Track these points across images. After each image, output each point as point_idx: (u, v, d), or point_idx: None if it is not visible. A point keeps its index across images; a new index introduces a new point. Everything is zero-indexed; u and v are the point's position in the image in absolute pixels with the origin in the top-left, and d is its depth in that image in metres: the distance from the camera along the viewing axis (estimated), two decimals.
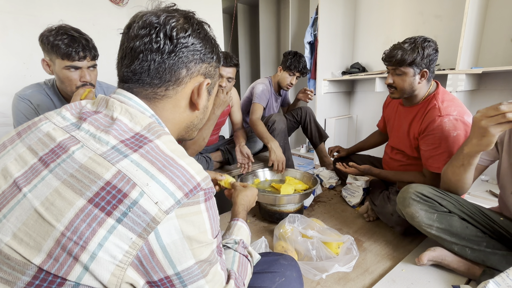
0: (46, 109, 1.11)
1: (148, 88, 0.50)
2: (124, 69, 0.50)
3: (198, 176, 0.42)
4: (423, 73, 1.18)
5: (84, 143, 0.42)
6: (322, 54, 2.32)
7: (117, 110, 0.46)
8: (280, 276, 0.67)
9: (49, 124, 0.46)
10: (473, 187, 1.80)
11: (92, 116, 0.46)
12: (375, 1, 2.37)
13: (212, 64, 0.55)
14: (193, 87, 0.53)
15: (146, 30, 0.47)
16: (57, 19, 1.70)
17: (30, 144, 0.44)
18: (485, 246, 0.94)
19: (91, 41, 1.04)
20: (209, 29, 0.55)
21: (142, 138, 0.43)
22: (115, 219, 0.36)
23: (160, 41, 0.47)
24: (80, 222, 0.36)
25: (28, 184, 0.39)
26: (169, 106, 0.52)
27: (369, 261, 1.11)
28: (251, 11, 3.76)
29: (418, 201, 0.98)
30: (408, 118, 1.30)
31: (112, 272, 0.37)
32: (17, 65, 1.59)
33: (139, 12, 0.51)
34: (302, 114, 2.03)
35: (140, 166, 0.39)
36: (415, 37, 1.18)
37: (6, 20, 1.53)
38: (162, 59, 0.48)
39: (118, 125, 0.44)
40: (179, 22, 0.49)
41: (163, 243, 0.39)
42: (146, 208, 0.37)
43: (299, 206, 1.40)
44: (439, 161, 1.13)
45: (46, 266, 0.36)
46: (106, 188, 0.37)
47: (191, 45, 0.50)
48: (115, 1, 1.89)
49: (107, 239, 0.36)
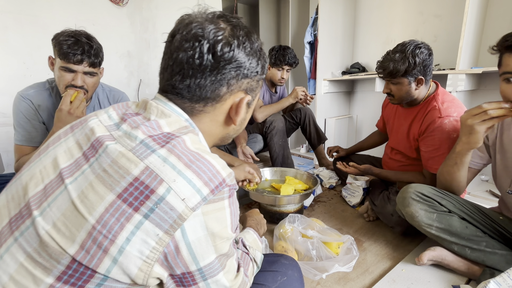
0: (47, 110, 1.11)
1: (187, 102, 0.49)
2: (164, 81, 0.50)
3: (224, 171, 0.43)
4: (419, 80, 1.16)
5: (118, 140, 0.43)
6: (322, 54, 2.32)
7: (153, 112, 0.47)
8: (282, 275, 0.67)
9: (95, 120, 0.48)
10: (473, 187, 1.80)
11: (132, 117, 0.47)
12: (375, 1, 2.37)
13: (254, 79, 0.53)
14: (232, 103, 0.52)
15: (189, 43, 0.46)
16: (57, 19, 1.70)
17: (78, 139, 0.46)
18: (485, 246, 0.94)
19: (97, 50, 1.04)
20: (256, 39, 0.52)
21: (170, 135, 0.44)
22: (142, 215, 0.37)
23: (203, 57, 0.46)
24: (110, 216, 0.37)
25: (71, 177, 0.41)
26: (206, 120, 0.52)
27: (369, 261, 1.11)
28: (251, 11, 3.76)
29: (418, 200, 0.98)
30: (408, 119, 1.30)
31: (139, 267, 0.38)
32: (17, 65, 1.59)
33: (184, 17, 0.49)
34: (301, 116, 2.03)
35: (167, 162, 0.40)
36: (406, 45, 1.14)
37: (6, 20, 1.53)
38: (203, 76, 0.47)
39: (151, 123, 0.46)
40: (225, 34, 0.47)
41: (189, 240, 0.40)
42: (173, 204, 0.38)
43: (299, 206, 1.40)
44: (439, 162, 1.13)
45: (78, 257, 0.37)
46: (134, 184, 0.38)
47: (235, 62, 0.48)
48: (115, 1, 1.89)
49: (134, 234, 0.37)
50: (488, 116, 0.81)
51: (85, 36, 1.03)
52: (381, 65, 1.20)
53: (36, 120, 1.10)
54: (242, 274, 0.52)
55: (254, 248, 0.69)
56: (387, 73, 1.18)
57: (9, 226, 0.41)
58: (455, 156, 0.94)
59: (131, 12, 1.99)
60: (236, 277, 0.50)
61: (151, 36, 2.11)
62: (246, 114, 0.57)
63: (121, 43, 1.98)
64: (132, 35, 2.02)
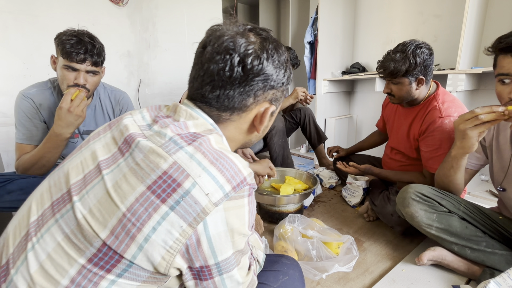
0: (48, 108, 1.12)
1: (215, 110, 0.52)
2: (194, 90, 0.52)
3: (245, 170, 0.46)
4: (419, 80, 1.16)
5: (149, 138, 0.47)
6: (322, 54, 2.32)
7: (183, 115, 0.51)
8: (284, 275, 0.68)
9: (130, 119, 0.52)
10: (473, 187, 1.80)
11: (163, 119, 0.51)
12: (375, 1, 2.37)
13: (280, 89, 0.55)
14: (257, 112, 0.55)
15: (221, 55, 0.48)
16: (57, 19, 1.70)
17: (114, 135, 0.51)
18: (485, 246, 0.94)
19: (99, 49, 1.05)
20: (284, 51, 0.54)
21: (196, 134, 0.48)
22: (168, 207, 0.40)
23: (233, 69, 0.48)
24: (139, 206, 0.40)
25: (107, 168, 0.45)
26: (231, 127, 0.55)
27: (369, 261, 1.11)
28: (251, 11, 3.76)
29: (417, 201, 0.98)
30: (408, 119, 1.29)
31: (162, 256, 0.40)
32: (17, 65, 1.59)
33: (215, 29, 0.51)
34: (301, 115, 2.03)
35: (194, 158, 0.43)
36: (407, 45, 1.14)
37: (7, 20, 1.53)
38: (233, 88, 0.49)
39: (180, 124, 0.49)
40: (254, 48, 0.49)
41: (210, 234, 0.42)
42: (197, 198, 0.41)
43: (299, 206, 1.40)
44: (440, 162, 1.13)
45: (109, 241, 0.40)
46: (163, 177, 0.41)
47: (263, 74, 0.50)
48: (115, 1, 1.89)
49: (160, 224, 0.40)
50: (479, 121, 0.81)
51: (87, 36, 1.03)
52: (381, 65, 1.20)
53: (37, 119, 1.11)
54: (252, 272, 0.53)
55: (256, 247, 0.69)
56: (388, 73, 1.17)
57: (51, 209, 0.45)
58: (451, 160, 0.94)
59: (131, 12, 1.99)
60: (248, 274, 0.52)
61: (151, 36, 2.11)
62: (269, 122, 0.59)
63: (121, 43, 1.98)
64: (132, 35, 2.02)
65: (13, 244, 0.45)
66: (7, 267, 0.43)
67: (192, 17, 2.28)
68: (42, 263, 0.41)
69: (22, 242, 0.44)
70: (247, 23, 0.53)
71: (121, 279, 0.41)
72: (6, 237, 0.47)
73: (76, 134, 1.23)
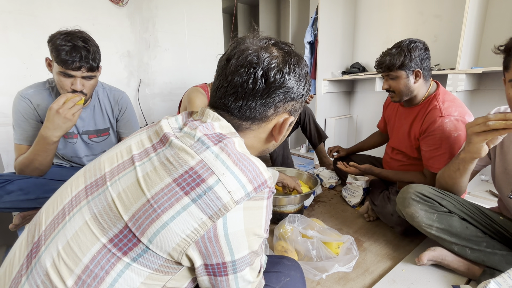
0: (46, 109, 1.11)
1: (236, 119, 0.54)
2: (217, 99, 0.55)
3: (266, 173, 0.48)
4: (416, 73, 1.18)
5: (180, 139, 0.50)
6: (322, 54, 2.32)
7: (210, 117, 0.53)
8: (285, 276, 0.68)
9: (165, 121, 0.55)
10: (473, 187, 1.80)
11: (192, 122, 0.54)
12: (375, 1, 2.37)
13: (299, 101, 0.58)
14: (277, 122, 0.57)
15: (245, 68, 0.51)
16: (57, 19, 1.70)
17: (150, 134, 0.55)
18: (485, 246, 0.94)
19: (94, 53, 1.03)
20: (304, 65, 0.57)
21: (222, 135, 0.50)
22: (191, 199, 0.42)
23: (257, 82, 0.51)
24: (163, 195, 0.43)
25: (140, 161, 0.49)
26: (250, 136, 0.57)
27: (369, 261, 1.11)
28: (251, 11, 3.76)
29: (418, 201, 0.98)
30: (408, 119, 1.30)
31: (177, 242, 0.42)
32: (17, 65, 1.59)
33: (240, 41, 0.54)
34: (301, 115, 2.03)
35: (219, 157, 0.46)
36: (402, 41, 1.20)
37: (6, 20, 1.53)
38: (255, 100, 0.52)
39: (207, 125, 0.51)
40: (277, 62, 0.52)
41: (228, 231, 0.43)
42: (219, 194, 0.43)
43: (299, 206, 1.40)
44: (440, 161, 1.13)
45: (130, 224, 0.43)
46: (189, 172, 0.44)
47: (284, 87, 0.53)
48: (115, 1, 1.89)
49: (180, 214, 0.42)
50: (487, 127, 0.77)
51: (81, 39, 1.00)
52: (379, 61, 1.24)
53: (34, 119, 1.10)
54: (261, 274, 0.55)
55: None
56: (385, 67, 1.21)
57: (85, 191, 0.49)
58: (458, 162, 0.93)
59: (131, 12, 1.99)
60: (258, 276, 0.53)
61: (151, 36, 2.11)
62: (287, 131, 0.61)
63: (121, 43, 1.98)
64: (132, 35, 2.02)
65: (45, 222, 0.48)
66: (38, 244, 0.46)
67: (192, 17, 2.28)
68: (69, 240, 0.44)
69: (55, 221, 0.47)
70: (270, 37, 0.55)
71: (135, 264, 0.43)
72: (40, 216, 0.50)
73: (75, 134, 1.23)
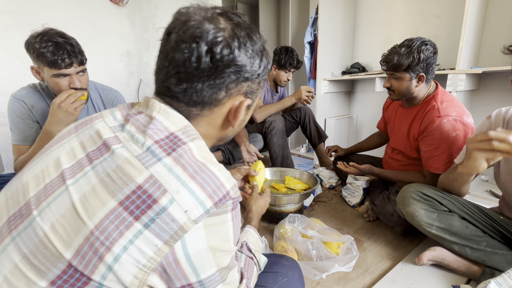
0: (41, 110, 1.12)
1: (184, 105, 0.47)
2: (160, 82, 0.47)
3: (228, 183, 0.42)
4: (420, 77, 1.17)
5: (124, 144, 0.42)
6: (322, 54, 2.32)
7: (156, 109, 0.46)
8: (283, 276, 0.68)
9: (101, 122, 0.47)
10: (473, 187, 1.80)
11: (135, 117, 0.46)
12: (375, 1, 2.37)
13: (255, 81, 0.50)
14: (231, 106, 0.50)
15: (186, 44, 0.43)
16: (57, 19, 1.70)
17: (82, 140, 0.45)
18: (485, 245, 0.94)
19: (77, 46, 1.01)
20: (259, 38, 0.48)
21: (176, 140, 0.43)
22: (142, 224, 0.37)
23: (201, 60, 0.43)
24: (109, 223, 0.36)
25: (72, 178, 0.40)
26: (203, 123, 0.50)
27: (369, 261, 1.11)
28: (251, 11, 3.76)
29: (418, 200, 0.98)
30: (408, 119, 1.30)
31: (134, 274, 0.37)
32: (17, 65, 1.59)
33: (182, 13, 0.46)
34: (301, 115, 2.03)
35: (172, 172, 0.39)
36: (413, 40, 1.15)
37: (6, 20, 1.53)
38: (200, 81, 0.44)
39: (155, 124, 0.44)
40: (224, 35, 0.44)
41: (188, 253, 0.39)
42: (174, 215, 0.37)
43: (299, 206, 1.40)
44: (439, 161, 1.13)
45: (74, 262, 0.36)
46: (137, 192, 0.38)
47: (234, 65, 0.45)
48: (115, 1, 1.89)
49: (132, 243, 0.36)
50: (490, 147, 0.75)
51: (58, 35, 0.98)
52: (385, 58, 1.21)
53: (30, 120, 1.11)
54: (244, 284, 0.51)
55: (258, 251, 0.69)
56: (391, 66, 1.18)
57: (7, 225, 0.40)
58: (456, 174, 0.93)
59: (131, 12, 1.99)
60: (239, 286, 0.50)
61: (151, 36, 2.11)
62: (246, 115, 0.55)
63: (121, 43, 1.98)
64: (132, 35, 2.02)
65: None
66: None
67: None
68: None
69: None
70: (217, 6, 0.46)
71: None
72: None
73: None
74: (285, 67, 1.86)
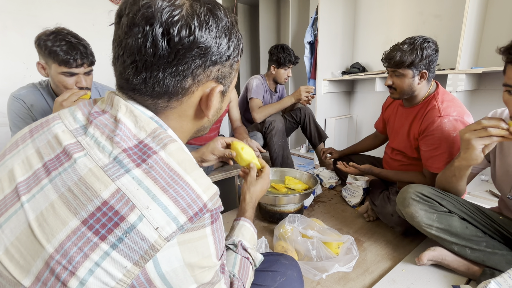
0: (40, 109, 1.12)
1: (148, 98, 0.42)
2: (118, 74, 0.42)
3: (205, 194, 0.38)
4: (422, 74, 1.17)
5: (88, 151, 0.37)
6: (322, 54, 2.32)
7: (121, 110, 0.41)
8: (281, 276, 0.67)
9: (60, 125, 0.42)
10: (473, 187, 1.80)
11: (98, 117, 0.41)
12: (375, 1, 2.37)
13: (226, 64, 0.45)
14: (202, 94, 0.45)
15: (138, 27, 0.37)
16: (57, 19, 1.70)
17: (39, 147, 0.40)
18: (485, 246, 0.94)
19: (89, 47, 1.04)
20: (224, 14, 0.42)
21: (146, 149, 0.38)
22: (109, 245, 0.33)
23: (157, 44, 0.37)
24: (71, 245, 0.32)
25: (28, 193, 0.36)
26: (174, 116, 0.45)
27: (369, 261, 1.11)
28: (251, 11, 3.76)
29: (418, 201, 0.98)
30: (408, 119, 1.30)
31: None
32: (17, 65, 1.59)
33: None
34: (301, 115, 2.03)
35: (142, 185, 0.35)
36: (415, 38, 1.17)
37: (6, 20, 1.53)
38: (160, 68, 0.39)
39: (122, 129, 0.39)
40: (182, 14, 0.38)
41: (162, 272, 0.35)
42: (144, 234, 0.33)
43: (299, 206, 1.40)
44: (439, 161, 1.13)
45: None
46: (103, 208, 0.33)
47: (197, 48, 0.39)
48: (115, 1, 1.89)
49: (98, 266, 0.32)
50: (486, 133, 0.79)
51: (72, 36, 1.00)
52: (388, 55, 1.21)
53: (30, 119, 1.11)
54: None
55: (254, 249, 0.68)
56: (393, 63, 1.18)
57: None
58: (453, 169, 0.94)
59: None
60: None
61: None
62: (222, 103, 0.50)
63: None
64: None
65: None
66: None
67: None
68: None
69: None
70: None
71: None
72: None
73: None
74: (284, 64, 1.87)
